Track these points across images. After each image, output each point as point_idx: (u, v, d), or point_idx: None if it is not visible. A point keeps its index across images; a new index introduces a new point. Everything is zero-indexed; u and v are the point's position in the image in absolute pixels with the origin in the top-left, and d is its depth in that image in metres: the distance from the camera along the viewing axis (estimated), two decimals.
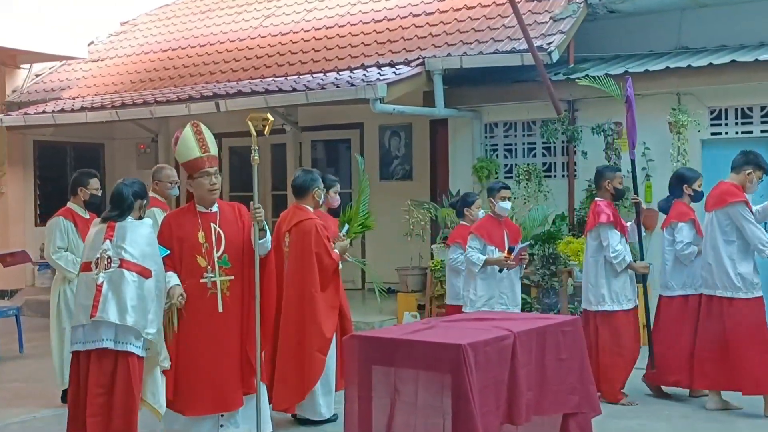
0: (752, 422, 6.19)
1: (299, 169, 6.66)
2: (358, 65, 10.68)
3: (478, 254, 6.82)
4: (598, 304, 6.74)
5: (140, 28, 15.61)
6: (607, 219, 6.69)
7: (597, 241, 6.78)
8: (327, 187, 6.70)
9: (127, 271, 4.90)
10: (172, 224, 5.30)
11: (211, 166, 5.30)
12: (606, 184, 6.91)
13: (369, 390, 4.50)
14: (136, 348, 4.93)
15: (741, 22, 9.55)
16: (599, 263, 6.75)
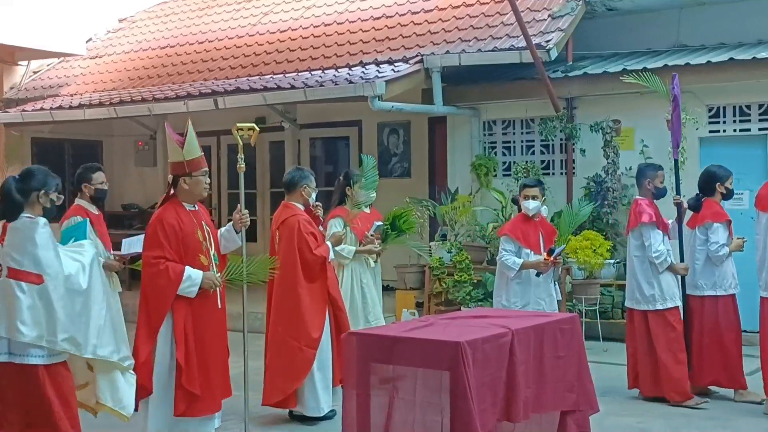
0: (751, 420, 6.19)
1: (293, 167, 6.68)
2: (357, 62, 10.67)
3: (513, 257, 6.59)
4: (648, 303, 6.61)
5: (138, 25, 15.60)
6: (650, 219, 6.57)
7: (639, 241, 6.67)
8: (352, 182, 6.83)
9: (14, 281, 4.43)
10: (174, 223, 5.21)
11: (205, 165, 5.36)
12: (647, 183, 6.78)
13: (367, 387, 4.49)
14: (39, 358, 4.48)
15: (739, 20, 9.55)
16: (645, 262, 6.63)
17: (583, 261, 8.64)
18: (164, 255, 5.10)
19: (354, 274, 6.86)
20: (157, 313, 5.12)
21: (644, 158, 9.22)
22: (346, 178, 6.91)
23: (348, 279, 6.82)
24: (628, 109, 9.35)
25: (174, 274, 5.07)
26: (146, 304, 5.16)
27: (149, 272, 5.12)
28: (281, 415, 6.37)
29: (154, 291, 5.11)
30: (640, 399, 6.78)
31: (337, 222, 6.74)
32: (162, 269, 5.07)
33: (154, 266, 5.09)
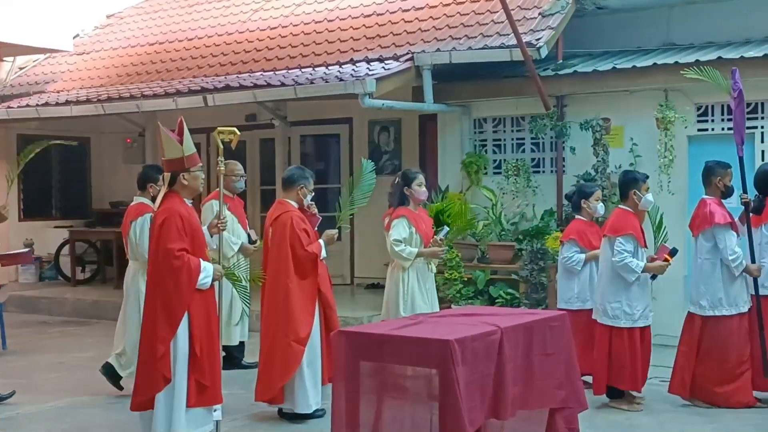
0: (738, 415, 6.22)
1: (295, 165, 6.70)
2: (347, 60, 10.65)
3: (635, 260, 6.31)
4: (714, 309, 6.44)
5: (127, 21, 15.53)
6: (724, 220, 6.43)
7: (711, 243, 6.48)
8: (409, 181, 6.62)
9: None
10: (187, 216, 5.28)
11: (200, 161, 5.48)
12: (717, 182, 6.61)
13: (356, 385, 4.50)
14: None
15: (727, 18, 9.58)
16: (716, 266, 6.44)
17: None
18: (186, 248, 5.19)
19: (420, 276, 6.61)
20: (179, 306, 5.17)
21: (633, 156, 9.24)
22: (404, 178, 6.68)
23: (414, 281, 6.57)
24: (618, 107, 9.37)
25: (194, 267, 5.18)
26: (165, 297, 5.17)
27: (173, 265, 5.14)
28: (271, 412, 6.36)
29: (177, 284, 5.15)
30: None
31: (403, 222, 6.54)
32: (185, 262, 5.15)
33: (179, 259, 5.14)
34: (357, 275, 12.36)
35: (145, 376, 5.21)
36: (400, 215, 6.59)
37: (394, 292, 6.57)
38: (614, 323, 6.38)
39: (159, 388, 5.16)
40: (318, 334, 6.22)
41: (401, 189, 6.68)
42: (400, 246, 6.48)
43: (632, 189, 6.50)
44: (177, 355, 5.18)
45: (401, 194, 6.67)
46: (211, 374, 5.31)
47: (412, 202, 6.66)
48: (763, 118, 8.79)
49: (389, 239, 6.51)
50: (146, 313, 5.27)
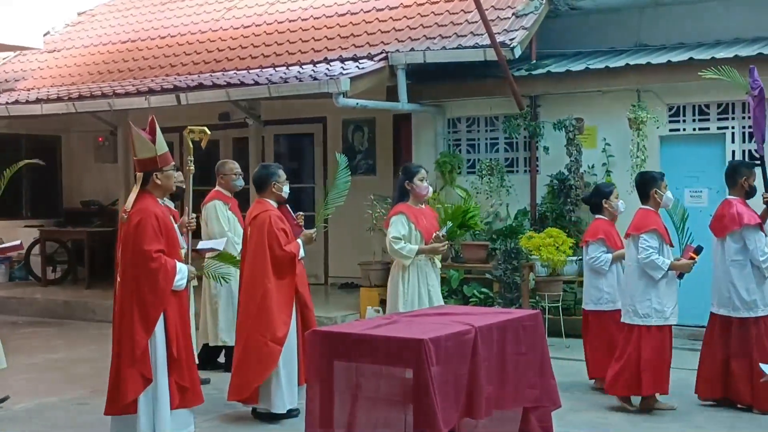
0: (710, 415, 6.27)
1: (259, 165, 6.64)
2: (321, 59, 10.62)
3: (661, 257, 6.24)
4: (749, 310, 6.28)
5: (98, 18, 15.38)
6: (754, 221, 6.31)
7: (740, 244, 6.36)
8: (411, 175, 6.46)
9: None
10: (162, 216, 5.26)
11: (173, 160, 5.46)
12: (743, 182, 6.44)
13: (330, 385, 4.48)
14: None
15: (698, 20, 9.68)
16: (746, 267, 6.31)
17: (546, 258, 8.70)
18: (162, 249, 5.17)
19: (421, 274, 6.44)
20: (155, 308, 5.14)
21: (606, 156, 9.31)
22: (406, 173, 6.53)
23: (414, 279, 6.42)
24: (591, 107, 9.43)
25: (171, 268, 5.17)
26: (141, 299, 5.13)
27: (150, 267, 5.11)
28: (245, 412, 6.33)
29: (153, 286, 5.12)
30: (600, 394, 6.83)
31: (402, 219, 6.39)
32: (162, 263, 5.13)
33: (156, 260, 5.12)
34: (331, 275, 12.34)
35: (122, 380, 5.12)
36: (399, 212, 6.44)
37: (394, 292, 6.43)
38: (645, 322, 6.26)
39: (139, 390, 5.10)
40: (295, 334, 6.19)
41: (402, 184, 6.53)
42: (399, 243, 6.32)
43: (653, 188, 6.41)
44: (156, 356, 5.15)
45: (402, 189, 6.53)
46: (189, 375, 5.30)
47: (413, 198, 6.49)
48: (733, 118, 8.89)
49: (387, 236, 6.36)
50: (121, 315, 5.20)
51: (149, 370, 5.11)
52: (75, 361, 7.08)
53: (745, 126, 8.84)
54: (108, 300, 7.48)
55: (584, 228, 9.38)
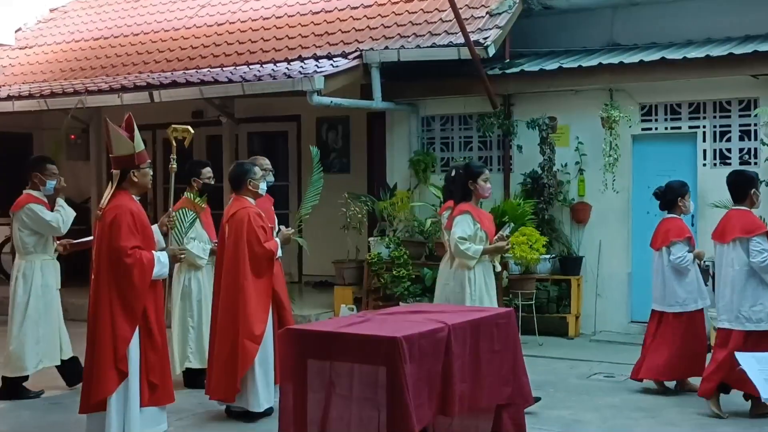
0: (681, 410, 6.34)
1: (234, 163, 6.62)
2: (296, 57, 10.61)
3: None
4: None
5: (71, 15, 15.23)
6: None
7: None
8: (474, 175, 6.25)
9: None
10: (138, 213, 5.25)
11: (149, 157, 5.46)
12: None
13: (304, 384, 4.47)
14: None
15: (670, 20, 9.78)
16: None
17: (520, 256, 8.75)
18: (138, 245, 5.15)
19: (487, 274, 6.27)
20: (137, 303, 5.12)
21: (579, 155, 9.38)
22: (469, 173, 6.28)
23: (481, 280, 6.22)
24: (564, 106, 9.50)
25: (147, 261, 5.16)
26: (121, 295, 5.11)
27: (127, 263, 5.09)
28: (219, 411, 6.31)
29: (131, 282, 5.10)
30: (573, 392, 6.89)
31: (468, 219, 6.15)
32: (138, 258, 5.12)
33: (131, 256, 5.10)
34: (305, 273, 12.33)
35: (98, 378, 5.09)
36: (464, 211, 6.21)
37: (460, 293, 6.20)
38: (758, 327, 5.98)
39: (113, 389, 5.07)
40: (271, 333, 6.17)
41: (464, 183, 6.29)
42: (466, 244, 6.11)
43: (752, 188, 6.20)
44: (130, 353, 5.12)
45: (464, 189, 6.30)
46: (161, 372, 5.27)
47: (475, 198, 6.30)
48: (705, 118, 8.99)
49: (453, 237, 6.13)
50: (97, 312, 5.15)
51: (126, 365, 5.09)
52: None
53: (716, 125, 8.94)
54: (82, 299, 7.41)
55: (558, 226, 9.48)
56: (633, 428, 5.97)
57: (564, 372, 7.63)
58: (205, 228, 7.12)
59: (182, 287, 7.10)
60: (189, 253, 6.70)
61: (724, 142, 8.91)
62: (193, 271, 7.09)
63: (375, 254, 9.65)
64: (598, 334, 9.24)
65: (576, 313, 9.31)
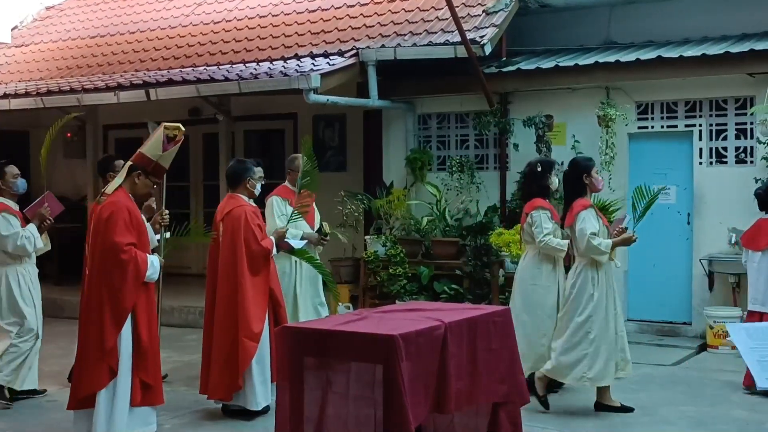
0: (676, 408, 6.35)
1: (234, 159, 6.61)
2: (292, 55, 10.60)
3: None
4: None
5: (67, 13, 15.21)
6: None
7: None
8: (588, 169, 6.17)
9: None
10: (135, 212, 5.28)
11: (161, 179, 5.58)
12: None
13: (301, 382, 4.47)
14: None
15: (666, 18, 9.78)
16: None
17: (516, 254, 8.73)
18: (134, 242, 5.17)
19: (608, 271, 6.18)
20: (127, 300, 5.13)
21: (575, 153, 9.37)
22: (580, 167, 6.24)
23: (604, 278, 6.14)
24: (560, 104, 9.50)
25: (142, 261, 5.18)
26: (112, 291, 5.12)
27: (121, 259, 5.11)
28: (216, 409, 6.31)
29: (124, 278, 5.12)
30: (570, 389, 6.90)
31: (592, 214, 6.07)
32: (133, 256, 5.13)
33: (127, 252, 5.12)
34: None
35: (87, 373, 5.11)
36: (586, 206, 6.11)
37: (579, 294, 6.10)
38: None
39: (104, 384, 5.09)
40: (267, 331, 6.17)
41: (578, 177, 6.19)
42: (597, 239, 5.99)
43: None
44: (121, 352, 5.12)
45: (579, 183, 6.20)
46: (154, 372, 5.28)
47: (588, 192, 6.22)
48: (701, 116, 9.00)
49: (583, 233, 5.99)
50: (89, 308, 5.17)
51: (116, 363, 5.09)
52: (43, 358, 7.01)
53: (713, 124, 8.95)
54: (77, 297, 7.41)
55: None
56: (630, 426, 5.98)
57: None
58: None
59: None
60: None
61: (721, 140, 8.93)
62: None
63: (371, 252, 9.66)
64: None
65: None
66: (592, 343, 6.06)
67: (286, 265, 7.03)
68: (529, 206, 6.62)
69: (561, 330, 6.23)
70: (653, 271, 9.14)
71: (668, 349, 8.41)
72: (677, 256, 9.06)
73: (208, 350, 6.20)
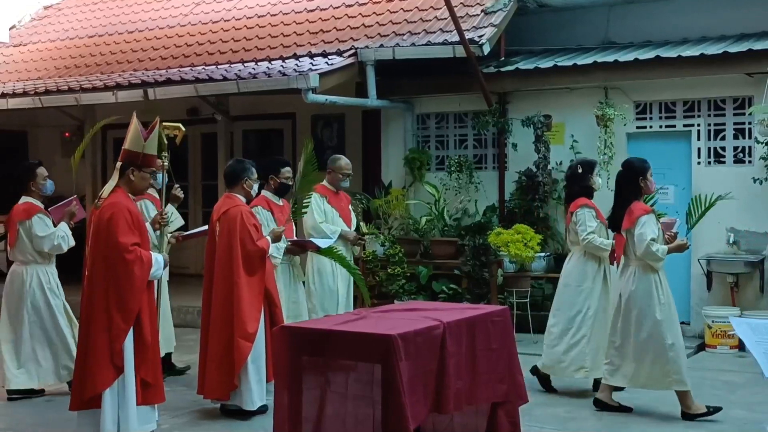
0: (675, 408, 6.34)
1: (233, 159, 6.62)
2: (290, 55, 10.60)
3: None
4: None
5: (65, 12, 15.20)
6: None
7: None
8: (645, 171, 6.08)
9: None
10: (136, 211, 5.29)
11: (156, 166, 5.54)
12: None
13: (299, 381, 4.47)
14: None
15: (665, 18, 9.79)
16: None
17: (515, 254, 8.75)
18: (138, 242, 5.18)
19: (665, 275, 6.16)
20: (135, 299, 5.13)
21: (574, 153, 9.38)
22: (637, 169, 6.12)
23: (666, 282, 6.13)
24: (559, 104, 9.50)
25: (146, 260, 5.18)
26: (119, 291, 5.11)
27: (127, 258, 5.10)
28: (214, 408, 6.31)
29: (131, 278, 5.11)
30: (567, 389, 6.90)
31: (653, 219, 6.01)
32: (138, 256, 5.14)
33: (132, 253, 5.12)
34: None
35: (92, 374, 5.09)
36: (648, 211, 6.06)
37: (646, 298, 6.03)
38: None
39: (109, 382, 5.09)
40: (263, 331, 6.17)
41: (635, 180, 6.09)
42: (656, 245, 5.94)
43: None
44: (126, 350, 5.13)
45: (635, 186, 6.10)
46: (154, 371, 5.28)
47: (642, 194, 6.15)
48: (699, 116, 9.00)
49: (642, 238, 5.92)
50: (92, 309, 5.15)
51: (122, 362, 5.09)
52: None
53: (711, 123, 8.96)
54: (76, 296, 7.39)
55: (552, 224, 9.49)
56: (628, 425, 5.97)
57: None
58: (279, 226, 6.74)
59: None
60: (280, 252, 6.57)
61: (719, 140, 8.93)
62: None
63: (370, 252, 9.65)
64: None
65: None
66: (672, 348, 5.98)
67: (327, 265, 7.13)
68: (573, 205, 6.63)
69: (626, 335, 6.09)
70: None
71: None
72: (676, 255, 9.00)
73: (204, 350, 6.20)
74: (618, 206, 6.16)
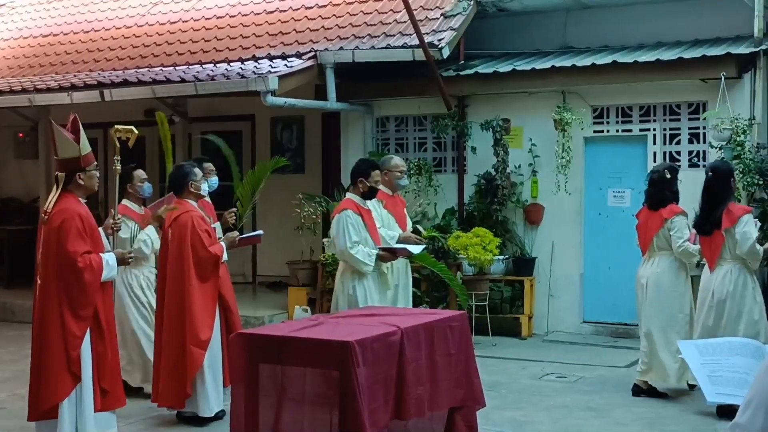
0: (630, 410, 6.42)
1: (174, 165, 6.55)
2: (250, 57, 10.52)
3: None
4: None
5: (19, 11, 14.91)
6: None
7: None
8: (733, 172, 6.24)
9: None
10: (87, 216, 5.18)
11: (95, 159, 5.36)
12: None
13: (256, 388, 4.44)
14: None
15: (622, 23, 9.90)
16: None
17: (473, 257, 8.79)
18: (89, 249, 5.09)
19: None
20: (87, 306, 5.05)
21: (532, 157, 9.46)
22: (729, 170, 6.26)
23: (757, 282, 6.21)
24: (517, 108, 9.56)
25: (96, 265, 5.09)
26: (72, 299, 5.03)
27: (79, 267, 5.01)
28: (169, 416, 6.23)
29: (82, 285, 5.03)
30: (524, 392, 6.94)
31: (752, 218, 6.09)
32: (88, 263, 5.05)
33: (82, 260, 5.04)
34: (259, 273, 12.24)
35: (49, 383, 5.00)
36: (748, 210, 6.16)
37: (743, 298, 6.06)
38: None
39: (69, 391, 5.01)
40: (218, 337, 6.12)
41: (727, 181, 6.17)
42: (758, 245, 6.02)
43: None
44: (83, 357, 5.04)
45: (729, 187, 6.19)
46: (112, 376, 5.21)
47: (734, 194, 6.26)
48: (654, 120, 9.12)
49: (747, 237, 5.96)
50: (45, 317, 5.05)
51: (80, 370, 5.01)
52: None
53: (666, 128, 9.08)
54: (29, 300, 7.27)
55: (511, 227, 9.55)
56: (583, 428, 6.03)
57: (516, 372, 7.69)
58: (369, 232, 6.41)
59: (347, 295, 6.40)
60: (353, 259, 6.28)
61: (674, 144, 9.06)
62: (357, 278, 6.37)
63: (329, 255, 9.61)
64: (550, 335, 9.33)
65: (529, 313, 9.39)
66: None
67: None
68: (668, 212, 6.55)
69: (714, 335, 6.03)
70: (608, 274, 9.24)
71: (623, 350, 8.52)
72: (631, 258, 9.14)
73: (158, 358, 6.12)
74: (711, 208, 6.16)
